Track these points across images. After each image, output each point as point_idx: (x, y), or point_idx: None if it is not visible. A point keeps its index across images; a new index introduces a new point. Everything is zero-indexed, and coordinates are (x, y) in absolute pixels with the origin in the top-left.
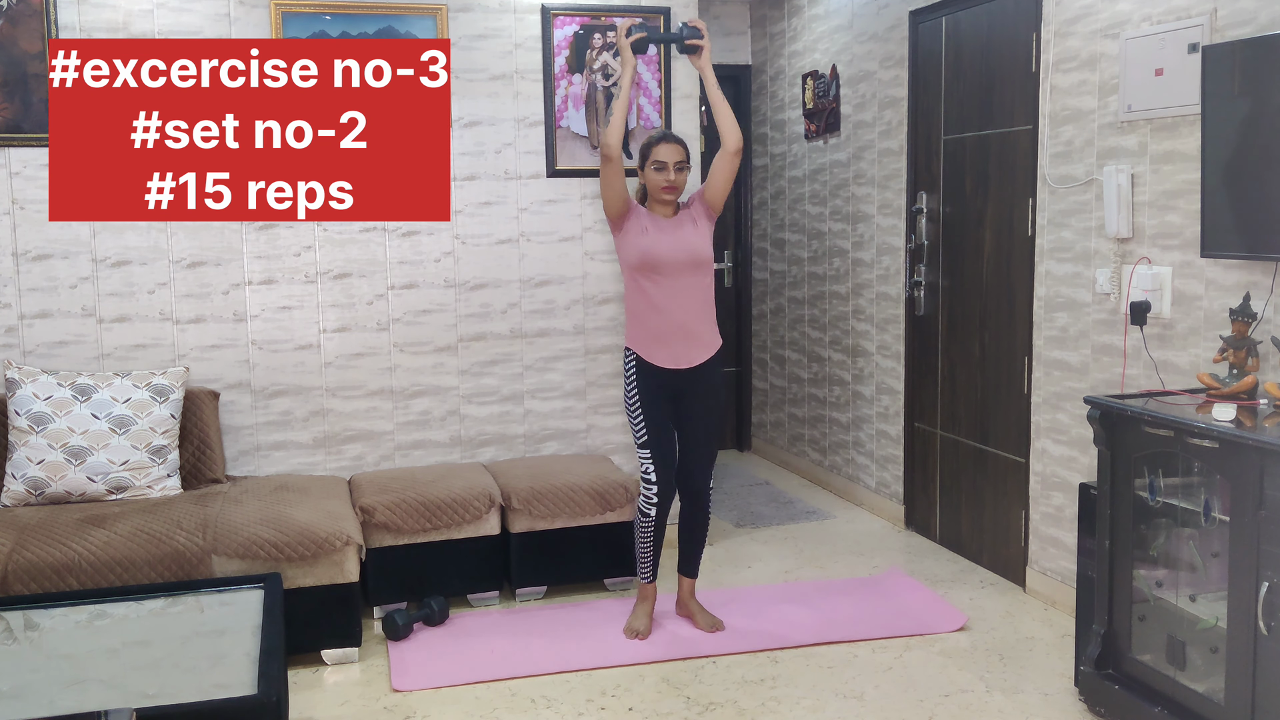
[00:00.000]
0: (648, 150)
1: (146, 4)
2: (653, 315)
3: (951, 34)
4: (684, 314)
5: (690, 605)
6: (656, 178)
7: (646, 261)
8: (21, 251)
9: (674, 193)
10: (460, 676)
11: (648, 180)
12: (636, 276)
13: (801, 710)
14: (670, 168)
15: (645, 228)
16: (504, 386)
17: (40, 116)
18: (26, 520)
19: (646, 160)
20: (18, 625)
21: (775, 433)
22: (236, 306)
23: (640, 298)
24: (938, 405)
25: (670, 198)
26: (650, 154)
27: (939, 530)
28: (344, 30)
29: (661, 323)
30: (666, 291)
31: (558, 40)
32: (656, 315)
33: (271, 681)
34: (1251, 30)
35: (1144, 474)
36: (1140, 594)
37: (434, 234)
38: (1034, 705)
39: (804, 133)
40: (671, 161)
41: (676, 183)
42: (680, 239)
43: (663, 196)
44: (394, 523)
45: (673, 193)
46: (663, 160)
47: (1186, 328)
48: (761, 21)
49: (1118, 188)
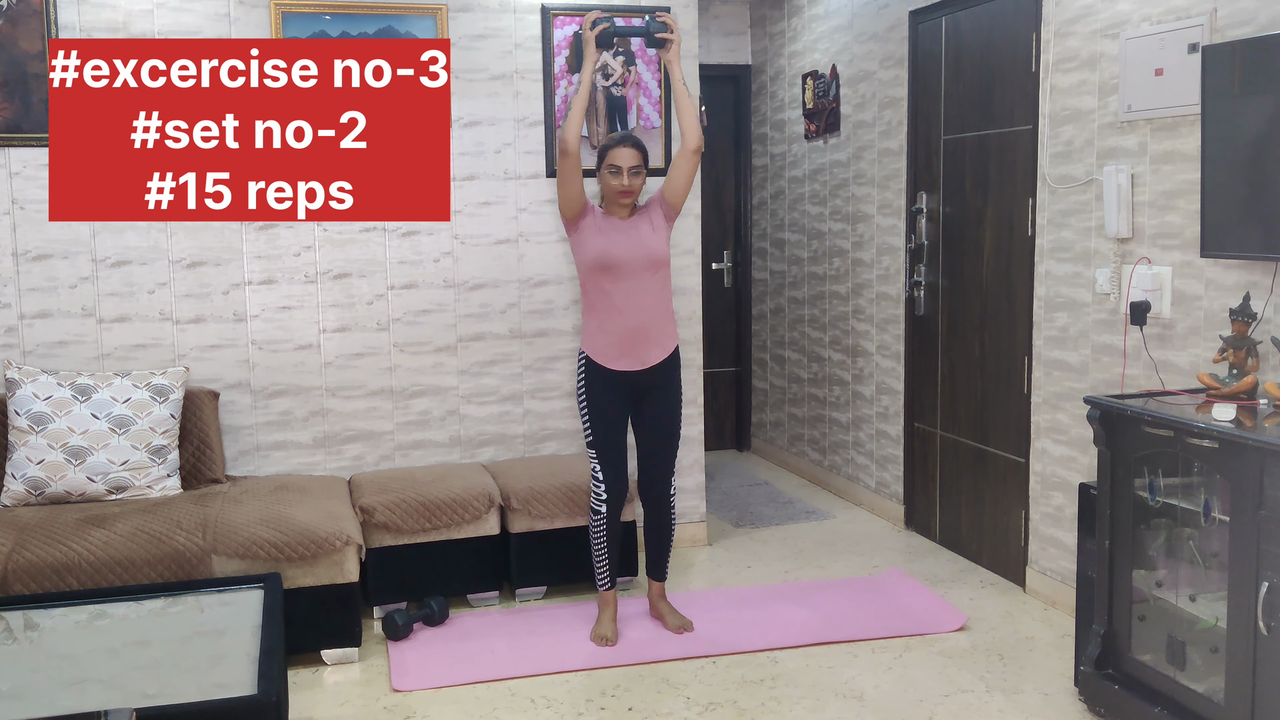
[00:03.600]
0: (604, 153)
1: (146, 4)
2: (610, 316)
3: (951, 34)
4: (642, 315)
5: (660, 607)
6: (612, 182)
7: (603, 262)
8: (21, 251)
9: (630, 197)
10: (460, 676)
11: (603, 183)
12: (594, 277)
13: (801, 710)
14: (625, 172)
15: (601, 228)
16: (503, 386)
17: (40, 116)
18: (26, 520)
19: (603, 163)
20: (18, 625)
21: (775, 433)
22: (236, 306)
23: (597, 299)
24: (938, 405)
25: (627, 201)
26: (606, 157)
27: (939, 530)
28: (344, 30)
29: (619, 324)
30: (624, 293)
31: (557, 40)
32: (614, 316)
33: (271, 681)
34: (1251, 30)
35: (1144, 474)
36: (1140, 594)
37: (434, 234)
38: (1034, 705)
39: (804, 133)
40: (627, 166)
41: (632, 187)
42: (637, 240)
43: (619, 200)
44: (394, 523)
45: (629, 197)
46: (618, 165)
47: (1186, 328)
48: (761, 21)
49: (1118, 188)
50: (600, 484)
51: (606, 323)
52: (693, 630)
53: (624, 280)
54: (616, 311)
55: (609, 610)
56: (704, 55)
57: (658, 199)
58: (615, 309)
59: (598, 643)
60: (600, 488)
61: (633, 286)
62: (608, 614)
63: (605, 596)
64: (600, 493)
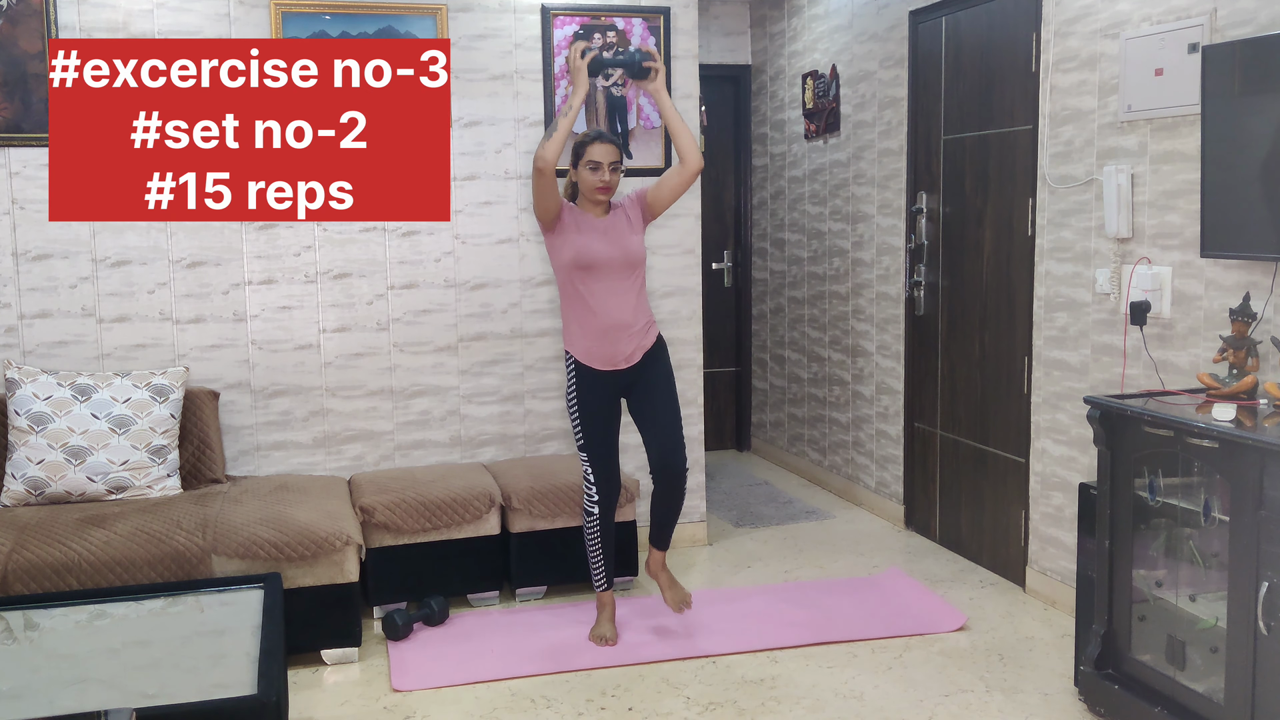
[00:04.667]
0: (581, 149)
1: (146, 4)
2: (588, 316)
3: (951, 34)
4: (620, 312)
5: (661, 577)
6: (591, 178)
7: (580, 262)
8: (21, 251)
9: (608, 193)
10: (460, 676)
11: (580, 179)
12: (570, 277)
13: (801, 710)
14: (605, 168)
15: (580, 226)
16: (504, 386)
17: (40, 116)
18: (26, 520)
19: (580, 159)
20: (18, 625)
21: (775, 433)
22: (236, 306)
23: (574, 299)
24: (938, 405)
25: (604, 198)
26: (585, 153)
27: (939, 530)
28: (344, 30)
29: (597, 323)
30: (601, 291)
31: (557, 40)
32: (592, 316)
33: (271, 681)
34: (1251, 30)
35: (1144, 474)
36: (1140, 594)
37: (434, 234)
38: (1034, 705)
39: (804, 132)
40: (606, 162)
41: (611, 183)
42: (614, 239)
43: (596, 197)
44: (394, 523)
45: (606, 193)
46: (598, 160)
47: (1186, 328)
48: (761, 21)
49: (1118, 188)
50: (592, 486)
51: (586, 324)
52: (691, 606)
53: (601, 280)
54: (592, 313)
55: (607, 611)
56: (704, 55)
57: (638, 198)
58: (591, 310)
59: (597, 643)
60: (592, 490)
61: (609, 286)
62: (605, 615)
63: (603, 598)
64: (593, 494)
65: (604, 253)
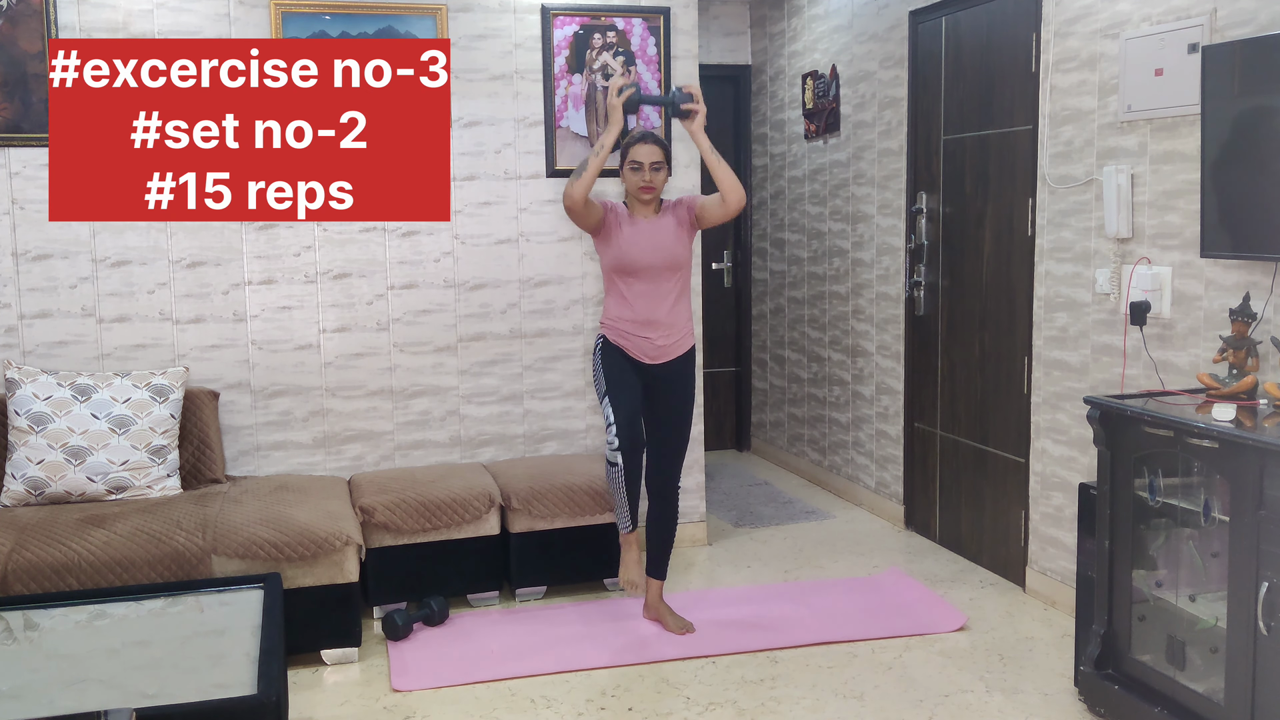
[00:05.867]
0: (626, 150)
1: (146, 4)
2: (625, 308)
3: (951, 34)
4: (658, 313)
5: (659, 609)
6: (634, 178)
7: (622, 264)
8: (21, 251)
9: (651, 193)
10: (460, 676)
11: (626, 180)
12: (612, 275)
13: (801, 710)
14: (646, 168)
15: (625, 228)
16: (504, 386)
17: (40, 116)
18: (26, 520)
19: (625, 160)
20: (18, 625)
21: (775, 433)
22: (236, 306)
23: (616, 292)
24: (937, 405)
25: (649, 198)
26: (628, 154)
27: (939, 530)
28: (344, 30)
29: (635, 320)
30: (641, 292)
31: (557, 40)
32: (631, 312)
33: (271, 681)
34: (1251, 30)
35: (1144, 474)
36: (1140, 594)
37: (434, 234)
38: (1034, 705)
39: (804, 133)
40: (648, 162)
41: (653, 182)
42: (659, 243)
43: (641, 196)
44: (394, 523)
45: (650, 193)
46: (639, 161)
47: (1186, 328)
48: (761, 21)
49: (1117, 188)
50: (613, 429)
51: (623, 314)
52: (694, 631)
53: (642, 280)
54: (630, 306)
55: (633, 552)
56: (704, 55)
57: (690, 202)
58: (629, 304)
59: (628, 589)
60: (614, 439)
61: (650, 288)
62: (631, 556)
63: (628, 539)
64: (614, 443)
65: (643, 258)
